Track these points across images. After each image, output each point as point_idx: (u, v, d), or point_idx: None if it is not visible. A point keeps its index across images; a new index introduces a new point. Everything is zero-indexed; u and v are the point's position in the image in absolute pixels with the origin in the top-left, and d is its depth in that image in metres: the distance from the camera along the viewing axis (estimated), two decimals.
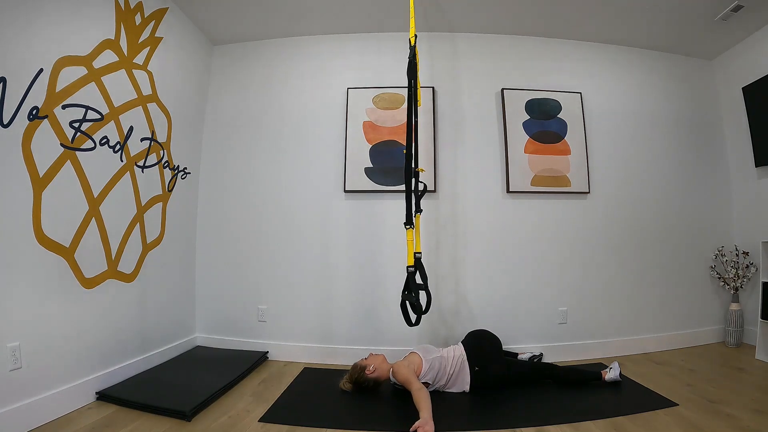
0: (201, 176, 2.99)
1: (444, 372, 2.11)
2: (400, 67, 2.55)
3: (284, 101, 2.99)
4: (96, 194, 2.01)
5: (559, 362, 2.53)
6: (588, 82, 3.02)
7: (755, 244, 2.81)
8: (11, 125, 1.58)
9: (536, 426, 1.74)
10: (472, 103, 2.94)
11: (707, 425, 1.69)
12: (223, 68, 3.08)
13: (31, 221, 1.68)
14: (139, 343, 2.32)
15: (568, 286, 2.82)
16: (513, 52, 3.00)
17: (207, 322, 2.91)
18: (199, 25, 2.87)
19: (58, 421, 1.72)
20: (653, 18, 2.75)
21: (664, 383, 2.21)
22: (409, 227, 2.03)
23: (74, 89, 1.86)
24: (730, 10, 2.60)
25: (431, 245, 2.75)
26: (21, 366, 1.62)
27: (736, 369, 2.43)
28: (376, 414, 1.91)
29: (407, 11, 2.28)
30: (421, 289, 2.02)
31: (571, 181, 2.87)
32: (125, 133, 2.20)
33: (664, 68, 3.16)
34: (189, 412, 1.79)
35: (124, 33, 2.18)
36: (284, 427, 1.75)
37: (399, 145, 2.81)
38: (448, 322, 2.74)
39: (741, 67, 3.00)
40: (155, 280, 2.48)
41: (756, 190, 2.94)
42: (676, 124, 3.12)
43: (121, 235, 2.19)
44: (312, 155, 2.91)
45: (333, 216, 2.84)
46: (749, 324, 2.87)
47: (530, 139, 2.88)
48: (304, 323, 2.79)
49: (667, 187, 3.04)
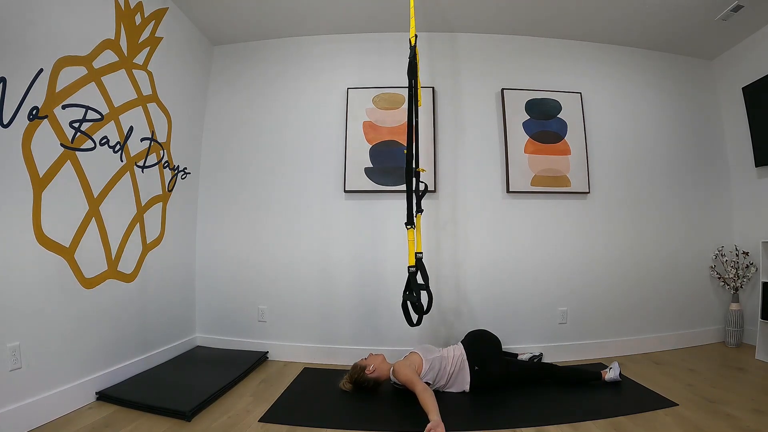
0: (201, 176, 2.99)
1: (444, 372, 2.12)
2: (400, 67, 2.55)
3: (284, 101, 2.99)
4: (96, 194, 2.01)
5: (559, 362, 2.53)
6: (588, 82, 3.02)
7: (755, 244, 2.81)
8: (11, 125, 1.58)
9: (536, 426, 1.74)
10: (472, 103, 2.94)
11: (707, 425, 1.69)
12: (223, 68, 3.08)
13: (31, 221, 1.68)
14: (139, 343, 2.32)
15: (568, 286, 2.82)
16: (513, 52, 3.00)
17: (207, 322, 2.91)
18: (199, 25, 2.87)
19: (58, 421, 1.72)
20: (653, 18, 2.75)
21: (664, 383, 2.21)
22: (410, 227, 2.03)
23: (74, 89, 1.86)
24: (730, 10, 2.60)
25: (431, 245, 2.75)
26: (21, 366, 1.61)
27: (736, 369, 2.43)
28: (376, 414, 1.91)
29: (407, 11, 2.28)
30: (422, 289, 2.02)
31: (571, 181, 2.87)
32: (125, 133, 2.20)
33: (664, 68, 3.16)
34: (189, 412, 1.79)
35: (124, 33, 2.18)
36: (284, 427, 1.75)
37: (399, 145, 2.81)
38: (449, 321, 2.74)
39: (741, 67, 3.00)
40: (155, 280, 2.47)
41: (756, 190, 2.94)
42: (676, 124, 3.12)
43: (121, 235, 2.19)
44: (312, 155, 2.91)
45: (333, 216, 2.84)
46: (749, 324, 2.87)
47: (530, 139, 2.88)
48: (304, 323, 2.79)
49: (666, 187, 3.04)
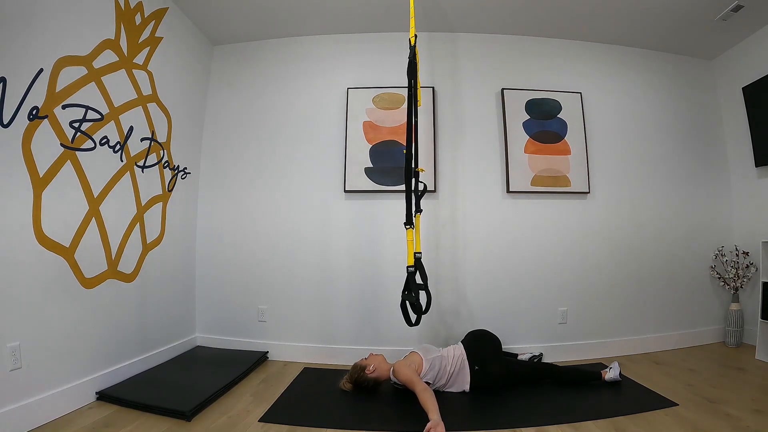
0: (201, 176, 2.99)
1: (444, 371, 2.12)
2: (400, 67, 2.55)
3: (284, 101, 2.99)
4: (96, 194, 2.01)
5: (559, 362, 2.53)
6: (588, 82, 3.02)
7: (755, 244, 2.81)
8: (11, 125, 1.58)
9: (536, 426, 1.74)
10: (472, 103, 2.94)
11: (707, 425, 1.69)
12: (223, 68, 3.08)
13: (31, 221, 1.68)
14: (139, 343, 2.32)
15: (568, 286, 2.82)
16: (513, 52, 3.00)
17: (207, 322, 2.91)
18: (199, 25, 2.87)
19: (58, 421, 1.72)
20: (653, 18, 2.75)
21: (664, 383, 2.21)
22: (409, 227, 2.03)
23: (74, 89, 1.86)
24: (730, 10, 2.60)
25: (431, 245, 2.75)
26: (21, 366, 1.61)
27: (736, 369, 2.43)
28: (376, 414, 1.91)
29: (407, 11, 2.28)
30: (421, 289, 2.02)
31: (571, 181, 2.87)
32: (125, 133, 2.20)
33: (664, 68, 3.16)
34: (189, 412, 1.79)
35: (124, 33, 2.18)
36: (284, 427, 1.75)
37: (399, 145, 2.81)
38: (448, 322, 2.74)
39: (741, 67, 3.00)
40: (155, 280, 2.48)
41: (756, 190, 2.93)
42: (676, 123, 3.12)
43: (121, 235, 2.19)
44: (312, 155, 2.91)
45: (333, 216, 2.84)
46: (749, 324, 2.87)
47: (530, 139, 2.88)
48: (304, 323, 2.79)
49: (667, 187, 3.04)
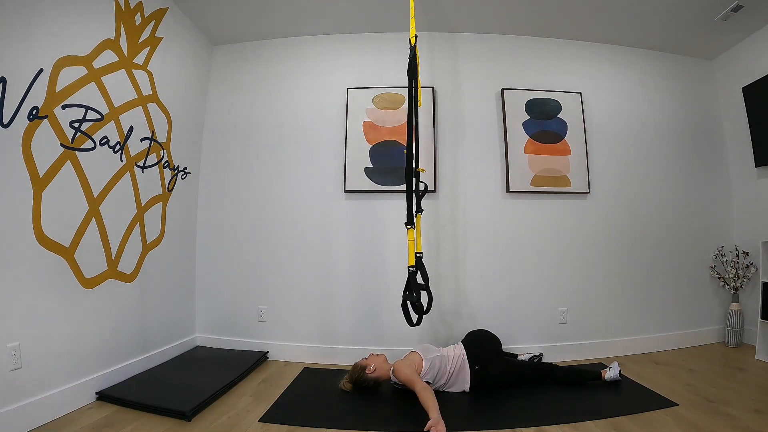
0: (201, 176, 2.99)
1: (444, 371, 2.12)
2: (400, 67, 2.55)
3: (284, 101, 2.99)
4: (96, 194, 2.01)
5: (559, 362, 2.53)
6: (588, 82, 3.02)
7: (755, 244, 2.81)
8: (11, 125, 1.58)
9: (536, 426, 1.74)
10: (472, 103, 2.94)
11: (707, 425, 1.69)
12: (223, 68, 3.08)
13: (31, 221, 1.68)
14: (139, 343, 2.32)
15: (568, 286, 2.82)
16: (513, 52, 3.00)
17: (207, 322, 2.91)
18: (199, 25, 2.87)
19: (58, 421, 1.72)
20: (653, 18, 2.75)
21: (664, 383, 2.21)
22: (410, 227, 2.03)
23: (74, 89, 1.86)
24: (730, 10, 2.60)
25: (431, 245, 2.75)
26: (21, 366, 1.62)
27: (736, 369, 2.43)
28: (376, 414, 1.91)
29: (407, 11, 2.28)
30: (422, 289, 2.02)
31: (571, 181, 2.87)
32: (125, 133, 2.20)
33: (664, 68, 3.16)
34: (189, 412, 1.79)
35: (124, 33, 2.18)
36: (284, 427, 1.75)
37: (399, 145, 2.81)
38: (449, 322, 2.74)
39: (741, 67, 3.00)
40: (155, 280, 2.48)
41: (756, 190, 2.94)
42: (676, 124, 3.12)
43: (121, 235, 2.19)
44: (312, 155, 2.91)
45: (333, 216, 2.84)
46: (749, 324, 2.87)
47: (530, 139, 2.88)
48: (304, 323, 2.79)
49: (667, 187, 3.04)
